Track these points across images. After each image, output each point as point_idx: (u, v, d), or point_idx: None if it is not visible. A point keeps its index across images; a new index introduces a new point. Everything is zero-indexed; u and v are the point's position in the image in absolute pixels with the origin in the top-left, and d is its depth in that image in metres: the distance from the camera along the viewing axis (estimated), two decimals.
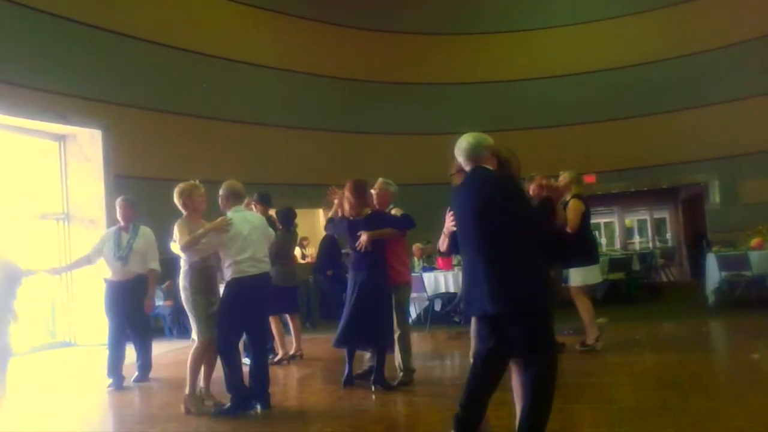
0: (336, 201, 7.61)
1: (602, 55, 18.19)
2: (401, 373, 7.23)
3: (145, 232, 8.29)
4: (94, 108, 12.69)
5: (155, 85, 14.05)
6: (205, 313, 6.39)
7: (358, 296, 7.07)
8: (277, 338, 9.26)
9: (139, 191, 9.56)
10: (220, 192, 6.68)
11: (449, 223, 4.82)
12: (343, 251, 9.40)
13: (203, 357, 6.47)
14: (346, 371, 7.33)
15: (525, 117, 17.97)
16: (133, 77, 13.55)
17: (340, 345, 7.27)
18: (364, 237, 6.96)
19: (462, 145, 4.72)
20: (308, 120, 16.71)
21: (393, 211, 7.53)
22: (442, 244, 5.00)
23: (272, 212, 9.63)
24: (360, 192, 7.18)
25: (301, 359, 9.34)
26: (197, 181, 6.60)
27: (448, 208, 4.82)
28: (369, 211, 7.19)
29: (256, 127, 15.82)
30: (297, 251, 12.00)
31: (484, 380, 4.54)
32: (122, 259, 8.07)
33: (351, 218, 7.20)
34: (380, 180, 7.56)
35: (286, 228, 9.39)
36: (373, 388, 7.02)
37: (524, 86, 18.50)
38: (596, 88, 18.06)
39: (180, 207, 6.44)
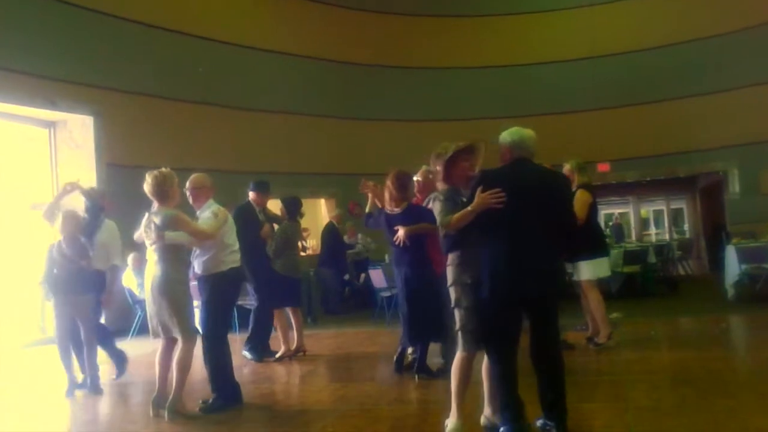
0: (370, 195, 7.82)
1: (617, 38, 18.13)
2: (442, 361, 7.32)
3: (110, 225, 8.11)
4: (85, 93, 12.70)
5: (149, 69, 14.02)
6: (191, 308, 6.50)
7: (406, 293, 7.26)
8: (281, 334, 9.28)
9: (131, 180, 9.52)
10: (194, 185, 6.71)
11: (491, 201, 4.77)
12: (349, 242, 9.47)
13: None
14: (418, 361, 7.35)
15: (535, 103, 17.93)
16: (126, 61, 13.53)
17: (412, 343, 7.47)
18: (401, 232, 7.08)
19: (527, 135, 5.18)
20: (309, 106, 16.69)
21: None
22: (460, 223, 4.90)
23: (272, 201, 9.65)
24: (403, 184, 7.30)
25: (304, 356, 9.34)
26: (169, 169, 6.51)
27: (481, 187, 4.76)
28: (406, 205, 7.27)
29: (254, 113, 15.81)
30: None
31: (514, 368, 4.83)
32: None
33: (388, 212, 7.34)
34: (424, 167, 7.55)
35: (291, 217, 9.46)
36: (416, 378, 7.20)
37: (535, 70, 18.46)
38: (611, 72, 18.00)
39: (159, 196, 6.23)
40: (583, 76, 18.15)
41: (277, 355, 9.18)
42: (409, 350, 7.74)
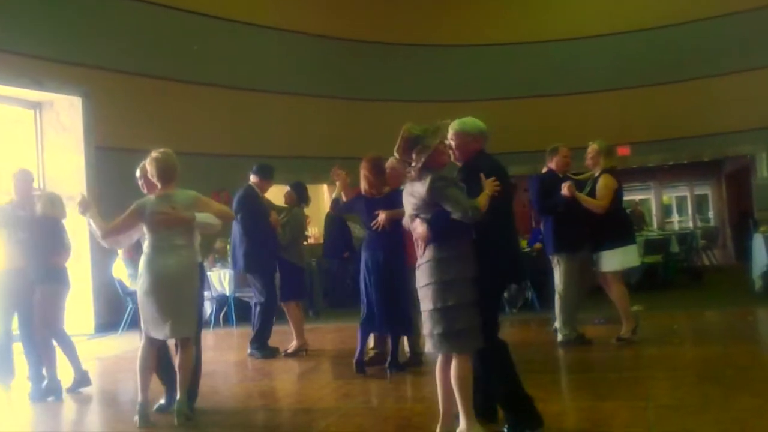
0: (338, 182, 7.96)
1: (638, 13, 17.99)
2: (409, 356, 7.83)
3: None
4: (73, 72, 12.67)
5: (141, 47, 13.96)
6: None
7: (376, 279, 7.41)
8: (294, 327, 9.32)
9: (122, 164, 9.52)
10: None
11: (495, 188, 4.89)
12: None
13: None
14: (358, 354, 7.63)
15: (551, 82, 17.89)
16: (116, 39, 13.47)
17: (383, 330, 7.71)
18: (382, 216, 7.31)
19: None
20: (310, 85, 16.62)
21: None
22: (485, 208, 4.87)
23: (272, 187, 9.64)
24: (379, 169, 7.59)
25: (289, 356, 9.32)
26: None
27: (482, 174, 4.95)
28: (388, 190, 7.56)
29: (253, 93, 15.76)
30: None
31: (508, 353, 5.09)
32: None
33: (369, 196, 7.57)
34: (394, 157, 7.57)
35: (302, 202, 9.63)
36: (388, 373, 7.43)
37: (550, 48, 18.35)
38: (631, 50, 17.89)
39: (166, 177, 6.07)
40: (601, 53, 18.03)
41: (291, 350, 9.23)
42: (370, 345, 7.99)
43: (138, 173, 6.44)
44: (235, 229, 9.27)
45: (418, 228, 4.86)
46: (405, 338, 7.83)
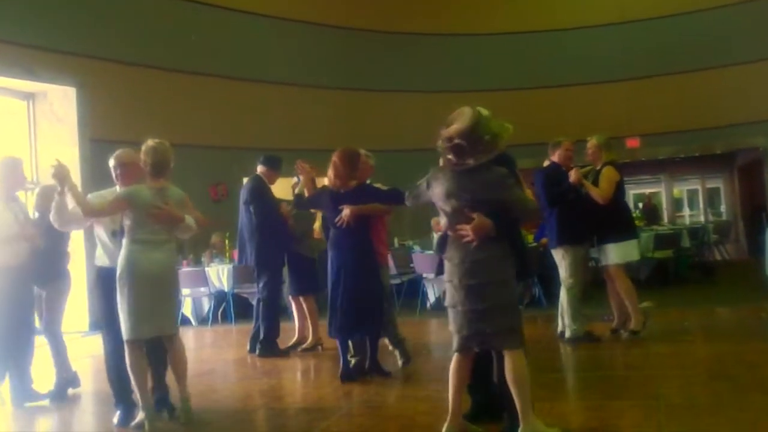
0: (303, 177, 7.83)
1: (649, 1, 18.01)
2: (396, 352, 7.66)
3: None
4: (67, 62, 12.67)
5: (137, 36, 13.96)
6: None
7: (344, 281, 7.11)
8: (310, 321, 9.35)
9: None
10: (122, 161, 6.15)
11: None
12: None
13: None
14: (342, 364, 7.28)
15: (557, 73, 17.84)
16: (112, 28, 13.48)
17: (336, 334, 7.29)
18: (346, 212, 7.02)
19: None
20: (311, 76, 16.60)
21: (377, 185, 7.66)
22: None
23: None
24: (351, 161, 7.23)
25: (306, 351, 9.34)
26: None
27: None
28: (355, 184, 7.24)
29: (252, 83, 15.75)
30: None
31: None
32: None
33: (335, 190, 7.26)
34: (363, 151, 7.66)
35: None
36: (370, 378, 7.21)
37: (557, 37, 18.31)
38: (641, 39, 17.84)
39: (160, 169, 5.93)
40: (611, 43, 18.00)
41: (306, 345, 9.27)
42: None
43: (113, 162, 6.18)
44: (243, 221, 9.25)
45: (480, 221, 4.69)
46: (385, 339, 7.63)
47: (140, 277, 5.76)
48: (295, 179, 9.76)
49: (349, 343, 7.37)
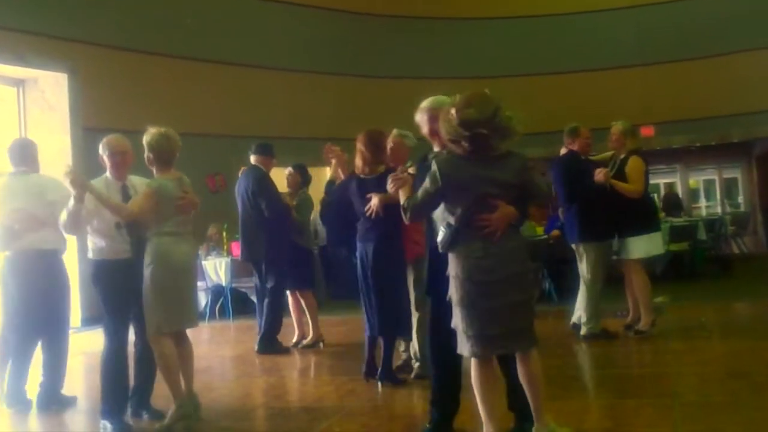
0: (334, 161, 7.56)
1: None
2: (416, 363, 7.09)
3: None
4: (58, 47, 12.65)
5: (131, 20, 13.92)
6: None
7: (370, 274, 6.93)
8: (311, 317, 9.37)
9: None
10: (116, 149, 6.16)
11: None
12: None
13: None
14: (367, 359, 7.06)
15: (568, 58, 17.83)
16: (105, 11, 13.44)
17: (380, 333, 7.02)
18: (375, 200, 6.68)
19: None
20: (312, 62, 16.59)
21: (410, 170, 7.41)
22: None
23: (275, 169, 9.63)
24: (376, 144, 7.02)
25: (307, 348, 9.35)
26: None
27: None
28: (383, 169, 6.88)
29: (252, 69, 15.74)
30: None
31: None
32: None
33: (362, 176, 7.04)
34: (395, 131, 7.32)
35: (306, 184, 9.82)
36: (379, 385, 6.86)
37: (568, 21, 18.30)
38: (655, 23, 17.82)
39: (168, 159, 5.96)
40: (623, 27, 17.98)
41: (307, 342, 9.28)
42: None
43: (109, 150, 6.14)
44: (248, 213, 9.24)
45: (506, 210, 4.56)
46: (414, 342, 7.15)
47: (175, 270, 5.83)
48: (289, 169, 9.80)
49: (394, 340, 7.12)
